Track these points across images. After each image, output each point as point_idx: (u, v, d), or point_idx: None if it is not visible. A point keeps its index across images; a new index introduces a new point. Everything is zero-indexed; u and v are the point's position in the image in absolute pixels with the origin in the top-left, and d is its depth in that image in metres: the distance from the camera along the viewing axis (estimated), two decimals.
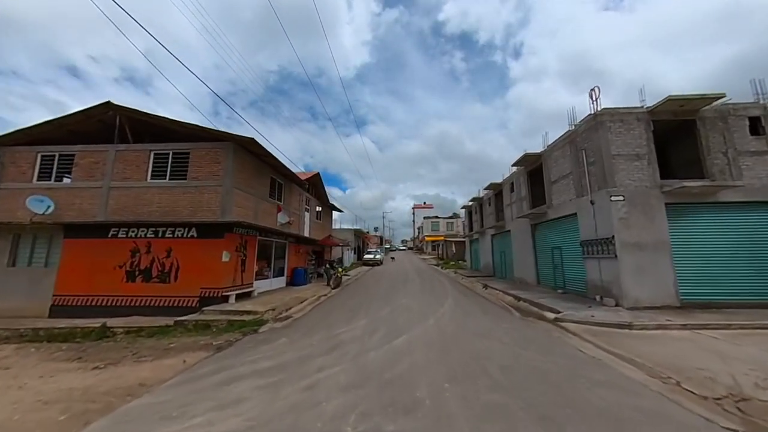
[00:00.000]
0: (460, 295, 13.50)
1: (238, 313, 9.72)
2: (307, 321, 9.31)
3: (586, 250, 11.08)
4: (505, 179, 19.58)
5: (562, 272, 13.07)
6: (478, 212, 26.50)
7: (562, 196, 12.84)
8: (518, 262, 17.54)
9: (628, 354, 5.95)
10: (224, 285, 10.78)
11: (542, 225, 14.89)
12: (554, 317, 9.15)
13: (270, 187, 14.82)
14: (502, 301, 12.46)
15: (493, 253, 22.46)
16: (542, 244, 14.93)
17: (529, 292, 13.52)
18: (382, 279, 21.26)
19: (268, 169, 14.43)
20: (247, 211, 12.43)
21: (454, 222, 71.93)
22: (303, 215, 19.43)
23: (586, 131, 11.06)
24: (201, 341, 7.75)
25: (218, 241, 10.80)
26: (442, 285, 17.43)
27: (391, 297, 13.04)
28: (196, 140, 11.71)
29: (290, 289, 15.42)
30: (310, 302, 12.51)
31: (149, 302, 10.55)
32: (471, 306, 11.00)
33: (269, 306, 10.55)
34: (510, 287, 15.22)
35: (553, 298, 11.60)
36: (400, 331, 7.59)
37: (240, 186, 11.87)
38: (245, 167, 12.33)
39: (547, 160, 13.97)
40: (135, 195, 11.29)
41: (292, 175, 16.00)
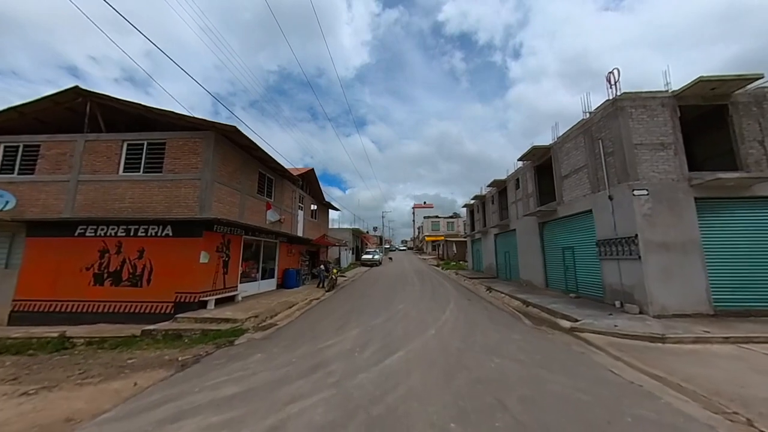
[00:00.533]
0: (463, 299, 12.44)
1: (216, 321, 8.67)
2: (292, 330, 8.26)
3: (604, 251, 10.01)
4: (510, 175, 18.52)
5: (575, 275, 12.00)
6: (480, 211, 25.44)
7: (574, 192, 11.78)
8: (524, 264, 16.48)
9: (672, 377, 4.89)
10: (202, 289, 9.72)
11: (551, 223, 13.83)
12: (571, 326, 8.10)
13: (258, 183, 13.78)
14: (508, 306, 11.40)
15: (497, 254, 21.40)
16: (551, 244, 13.86)
17: (537, 295, 12.46)
18: (380, 281, 20.21)
19: (256, 163, 13.37)
20: (231, 208, 11.38)
21: (454, 222, 70.90)
22: (296, 213, 18.38)
23: (603, 119, 10.00)
24: (166, 356, 6.70)
25: (196, 241, 9.74)
26: (443, 287, 16.36)
27: (388, 301, 11.98)
28: (173, 129, 10.67)
29: (280, 292, 14.37)
30: (299, 307, 11.46)
31: (119, 308, 9.49)
32: (476, 312, 9.94)
33: (252, 312, 9.49)
34: (516, 290, 14.16)
35: (565, 303, 10.54)
36: (396, 345, 6.53)
37: (222, 180, 10.82)
38: (229, 160, 11.27)
39: (558, 153, 12.91)
40: (105, 189, 10.24)
41: (283, 170, 14.95)
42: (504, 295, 13.60)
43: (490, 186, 21.15)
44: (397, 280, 20.46)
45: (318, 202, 23.03)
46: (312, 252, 22.54)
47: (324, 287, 16.16)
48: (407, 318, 9.04)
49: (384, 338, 7.08)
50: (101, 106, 10.91)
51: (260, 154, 12.55)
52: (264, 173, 14.31)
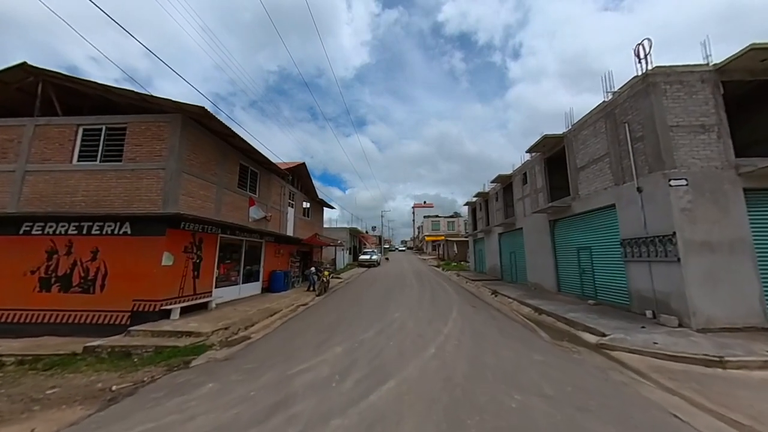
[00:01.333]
0: (467, 306, 11.09)
1: (176, 335, 7.32)
2: (265, 346, 6.91)
3: (630, 252, 8.67)
4: (516, 170, 17.17)
5: (593, 278, 10.65)
6: (483, 209, 24.09)
7: (592, 185, 10.42)
8: (532, 265, 15.13)
9: (761, 425, 3.55)
10: (165, 296, 8.37)
11: (564, 221, 12.48)
12: (598, 342, 6.76)
13: (240, 176, 12.44)
14: (518, 314, 10.06)
15: (501, 254, 20.05)
16: (564, 244, 12.51)
17: (550, 301, 11.12)
18: (377, 283, 18.86)
19: (236, 154, 12.03)
20: (204, 203, 10.04)
21: (455, 221, 69.59)
22: (285, 211, 17.05)
23: (630, 99, 8.65)
24: (99, 383, 5.36)
25: (158, 240, 8.40)
26: (444, 291, 15.01)
27: (382, 308, 10.63)
28: (136, 112, 9.33)
29: (265, 297, 13.03)
30: (282, 315, 10.12)
31: (68, 318, 8.15)
32: (482, 323, 8.59)
33: (223, 323, 8.15)
34: (525, 295, 12.82)
35: (585, 311, 9.19)
36: (387, 371, 5.19)
37: (192, 171, 9.48)
38: (201, 148, 9.93)
39: (572, 143, 11.56)
40: (56, 181, 8.91)
41: (268, 162, 13.60)
42: (512, 301, 12.26)
43: (494, 182, 19.80)
44: (394, 282, 19.11)
45: (311, 199, 21.69)
46: (304, 252, 21.20)
47: (314, 291, 14.84)
48: (403, 331, 7.70)
49: (373, 360, 5.74)
50: (56, 87, 9.58)
51: (239, 142, 11.20)
52: (247, 166, 12.97)
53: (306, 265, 20.45)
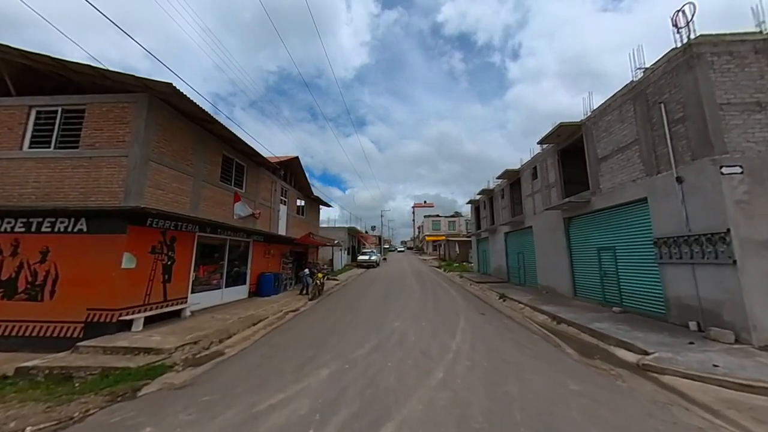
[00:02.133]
0: (475, 313, 9.90)
1: (132, 353, 6.13)
2: (236, 368, 5.71)
3: (667, 252, 7.48)
4: (525, 164, 15.98)
5: (617, 282, 9.46)
6: (487, 207, 22.90)
7: (617, 177, 9.24)
8: (544, 267, 13.94)
9: None
10: (125, 304, 7.17)
11: (582, 218, 11.29)
12: (639, 362, 5.58)
13: (223, 169, 11.25)
14: (533, 323, 8.88)
15: (508, 255, 18.86)
16: (581, 244, 11.33)
17: (567, 308, 9.94)
18: (375, 285, 17.67)
19: (218, 144, 10.84)
20: (178, 197, 8.86)
21: (456, 221, 68.44)
22: (277, 208, 15.86)
23: (667, 75, 7.46)
24: (14, 420, 4.18)
25: (117, 239, 7.20)
26: (448, 295, 13.83)
27: (380, 315, 9.45)
28: (98, 92, 8.15)
29: (252, 302, 11.83)
30: (266, 324, 8.93)
31: (11, 330, 6.95)
32: (496, 334, 7.40)
33: (192, 336, 6.96)
34: (536, 299, 11.64)
35: (612, 321, 8.00)
36: (383, 405, 4.00)
37: (162, 159, 8.30)
38: (174, 134, 8.75)
39: (592, 131, 10.37)
40: (3, 170, 7.72)
41: (255, 154, 12.41)
42: (523, 306, 11.07)
43: (501, 177, 18.61)
44: (394, 284, 17.92)
45: (305, 196, 20.50)
46: (299, 253, 20.01)
47: (307, 294, 13.65)
48: (403, 345, 6.50)
49: (366, 388, 4.54)
50: (8, 63, 8.39)
51: (220, 130, 10.01)
52: (231, 158, 11.78)
53: (300, 267, 19.28)
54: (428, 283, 18.82)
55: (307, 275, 14.85)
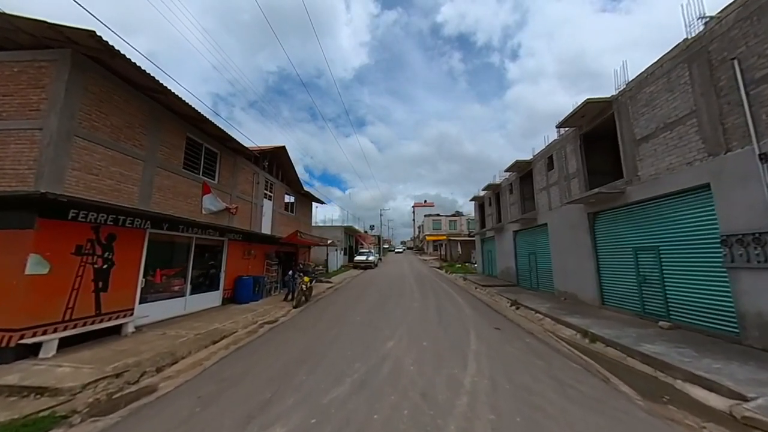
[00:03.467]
0: (487, 326, 8.17)
1: (19, 393, 4.40)
2: (160, 418, 3.98)
3: (742, 254, 5.76)
4: (539, 153, 14.25)
5: (662, 290, 7.73)
6: (493, 204, 21.17)
7: (664, 160, 7.51)
8: (562, 270, 12.21)
9: None
10: (29, 322, 5.44)
11: (612, 213, 9.56)
12: (732, 410, 3.89)
13: (188, 154, 9.54)
14: (559, 340, 7.16)
15: (517, 256, 17.12)
16: (611, 243, 9.60)
17: (596, 319, 8.22)
18: (371, 289, 15.94)
19: (180, 123, 9.11)
20: (120, 184, 7.14)
21: (457, 220, 66.74)
22: (260, 203, 14.14)
23: (743, 21, 5.73)
24: None
25: (21, 236, 5.48)
26: (452, 302, 12.10)
27: (372, 330, 7.72)
28: (7, 49, 6.42)
29: (224, 310, 10.11)
30: (230, 342, 7.20)
31: None
32: (520, 361, 5.66)
33: (118, 364, 5.23)
34: (556, 308, 9.92)
35: (664, 340, 6.27)
36: None
37: (95, 136, 6.57)
38: (115, 106, 7.02)
39: (627, 107, 8.65)
40: None
41: (228, 139, 10.67)
42: (542, 317, 9.35)
43: (510, 170, 16.87)
44: (392, 287, 16.19)
45: (295, 192, 18.77)
46: (288, 254, 18.29)
47: (292, 302, 11.92)
48: (398, 381, 4.77)
49: None
50: None
51: (179, 105, 8.26)
52: (200, 142, 10.06)
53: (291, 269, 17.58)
54: (429, 286, 17.09)
55: (292, 278, 13.16)
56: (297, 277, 12.92)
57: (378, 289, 16.22)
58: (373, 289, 16.28)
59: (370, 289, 16.35)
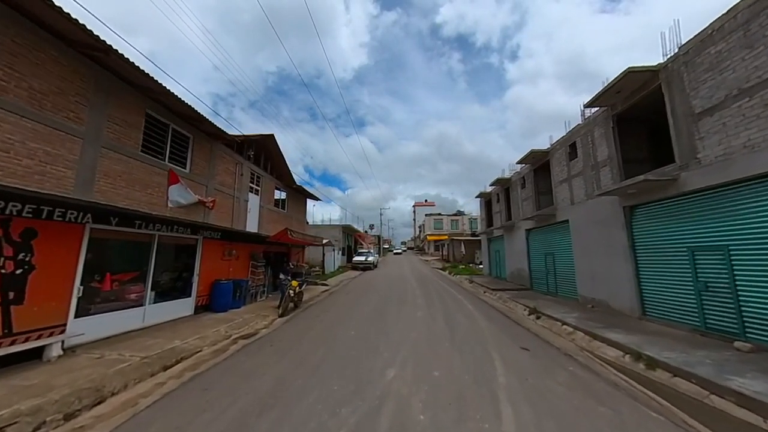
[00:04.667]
0: (511, 345, 6.60)
1: None
2: None
3: None
4: (558, 142, 12.67)
5: (734, 302, 6.15)
6: (501, 200, 19.59)
7: (738, 136, 5.93)
8: (587, 273, 10.64)
9: None
10: None
11: (657, 206, 8.00)
12: None
13: (148, 135, 7.97)
14: (603, 364, 5.60)
15: (530, 257, 15.55)
16: (656, 241, 8.04)
17: (645, 336, 6.66)
18: (369, 293, 14.37)
19: (137, 96, 7.54)
20: (47, 166, 5.61)
21: (459, 220, 65.23)
22: (243, 197, 12.58)
23: None
24: None
25: None
26: (463, 309, 10.53)
27: (367, 352, 6.15)
28: None
29: (194, 322, 8.55)
30: (186, 368, 5.63)
31: None
32: (573, 405, 4.08)
33: (6, 412, 3.67)
34: (587, 319, 8.36)
35: (764, 374, 4.70)
36: None
37: (1, 99, 5.00)
38: (36, 65, 5.46)
39: (682, 75, 7.08)
40: None
41: (200, 119, 9.11)
42: (570, 330, 7.79)
43: (523, 162, 15.29)
44: (392, 291, 14.63)
45: (286, 186, 17.19)
46: (280, 254, 16.73)
47: (279, 308, 10.36)
48: None
49: None
50: None
51: (126, 69, 6.68)
52: (165, 122, 8.51)
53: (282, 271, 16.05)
54: (433, 289, 15.52)
55: (282, 280, 11.65)
56: (285, 281, 11.37)
57: (377, 292, 14.64)
58: (371, 293, 14.71)
59: (368, 293, 14.77)
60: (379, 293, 14.51)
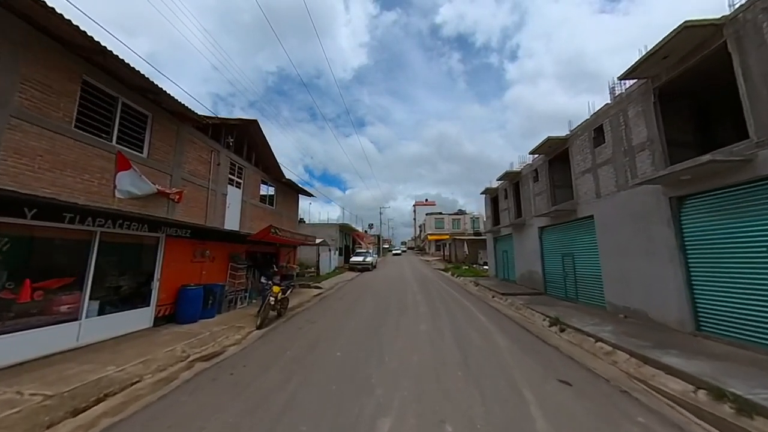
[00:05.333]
0: (544, 374, 5.06)
1: None
2: None
3: None
4: (581, 126, 11.11)
5: None
6: (510, 196, 18.03)
7: None
8: (618, 276, 9.10)
9: None
10: None
11: (715, 196, 6.47)
12: None
13: (85, 106, 6.43)
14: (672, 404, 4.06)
15: (544, 257, 14.00)
16: (715, 240, 6.51)
17: (715, 361, 5.13)
18: (365, 298, 12.83)
19: (66, 56, 6.00)
20: None
21: (460, 219, 63.67)
22: (221, 190, 11.05)
23: None
24: None
25: None
26: (473, 321, 9.01)
27: (356, 389, 4.61)
28: None
29: (149, 336, 7.02)
30: (104, 412, 4.08)
31: None
32: None
33: None
34: (623, 333, 6.82)
35: None
36: None
37: None
38: None
39: (757, 27, 5.54)
40: None
41: (155, 90, 7.54)
42: (609, 349, 6.24)
43: (536, 152, 13.72)
44: (391, 295, 13.11)
45: (274, 180, 15.64)
46: (267, 255, 15.21)
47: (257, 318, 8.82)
48: None
49: None
50: None
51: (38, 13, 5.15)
52: (111, 93, 6.97)
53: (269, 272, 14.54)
54: (437, 294, 13.99)
55: (264, 284, 10.21)
56: (266, 285, 9.85)
57: (374, 297, 13.11)
58: (367, 298, 13.17)
59: (363, 298, 13.24)
60: (376, 298, 12.97)
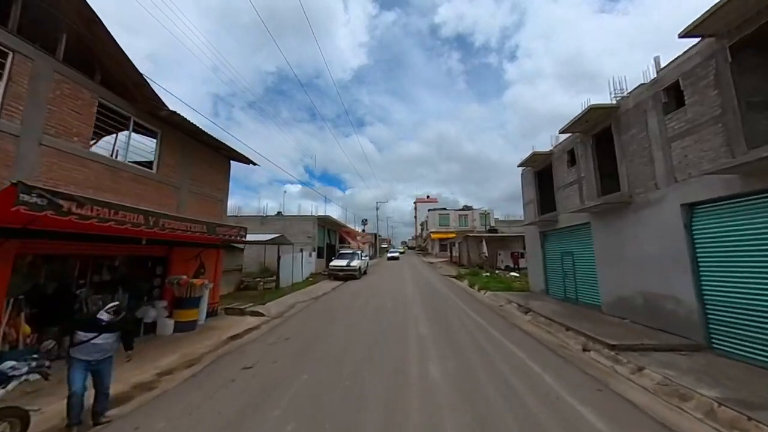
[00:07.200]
0: None
1: None
2: None
3: None
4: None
5: None
6: (588, 157, 10.87)
7: None
8: None
9: None
10: None
11: None
12: None
13: None
14: None
15: (697, 267, 6.84)
16: None
17: None
18: (323, 346, 5.73)
19: None
20: None
21: (468, 215, 56.54)
22: None
23: None
24: None
25: None
26: None
27: None
28: None
29: None
30: None
31: None
32: None
33: None
34: None
35: None
36: None
37: None
38: None
39: None
40: None
41: None
42: None
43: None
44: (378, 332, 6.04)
45: (147, 113, 8.37)
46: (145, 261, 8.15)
47: None
48: None
49: None
50: None
51: None
52: None
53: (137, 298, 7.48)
54: (465, 337, 6.85)
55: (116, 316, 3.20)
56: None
57: (342, 344, 5.98)
58: (330, 344, 6.02)
59: (322, 343, 6.08)
60: (353, 334, 5.84)
